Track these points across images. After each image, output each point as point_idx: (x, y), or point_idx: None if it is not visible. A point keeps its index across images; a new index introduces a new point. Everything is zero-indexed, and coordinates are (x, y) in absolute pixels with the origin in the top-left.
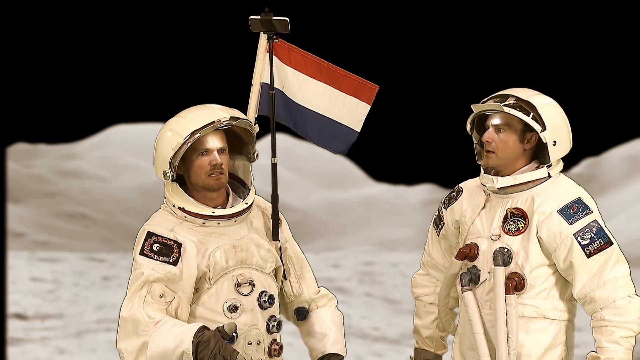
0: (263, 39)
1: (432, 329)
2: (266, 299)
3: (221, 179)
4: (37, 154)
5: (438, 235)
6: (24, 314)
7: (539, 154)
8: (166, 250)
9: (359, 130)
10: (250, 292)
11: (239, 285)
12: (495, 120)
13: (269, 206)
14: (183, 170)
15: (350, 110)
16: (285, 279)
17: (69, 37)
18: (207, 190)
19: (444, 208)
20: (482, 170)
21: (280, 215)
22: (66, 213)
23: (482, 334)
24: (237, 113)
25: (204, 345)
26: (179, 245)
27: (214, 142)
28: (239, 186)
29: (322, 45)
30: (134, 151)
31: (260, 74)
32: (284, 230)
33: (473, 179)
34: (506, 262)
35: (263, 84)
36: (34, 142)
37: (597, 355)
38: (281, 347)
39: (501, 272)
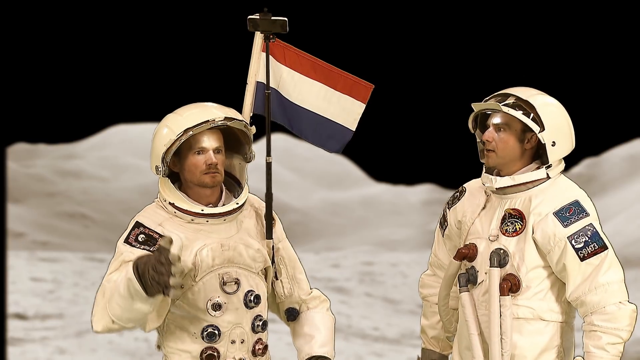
0: (258, 38)
1: (437, 329)
2: (251, 299)
3: (217, 177)
4: (37, 154)
5: (443, 236)
6: (24, 314)
7: (541, 154)
8: (150, 242)
9: (354, 130)
10: (236, 290)
11: (224, 283)
12: (496, 120)
13: (263, 206)
14: (179, 168)
15: (345, 109)
16: (277, 279)
17: (69, 37)
18: (202, 187)
19: (448, 208)
20: (484, 170)
21: (274, 215)
22: (66, 213)
23: (477, 335)
24: (232, 113)
25: (141, 262)
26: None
27: (211, 142)
28: (234, 185)
29: (318, 45)
30: (134, 151)
31: (255, 73)
32: (278, 231)
33: (477, 179)
34: (502, 264)
35: (258, 83)
36: (34, 142)
37: None
38: (265, 347)
39: (496, 274)
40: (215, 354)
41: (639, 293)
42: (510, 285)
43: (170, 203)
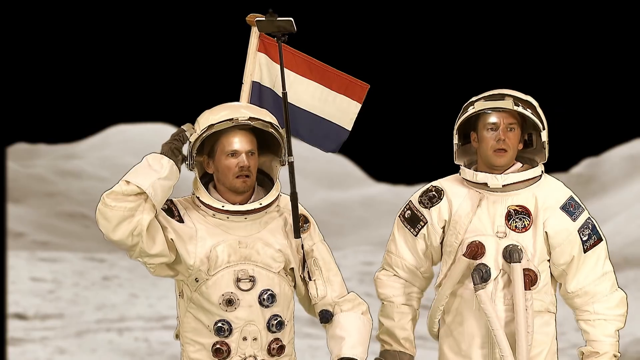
0: (254, 38)
1: (408, 329)
2: (266, 297)
3: (247, 181)
4: (37, 154)
5: (416, 235)
6: (24, 314)
7: (518, 155)
8: (169, 212)
9: (350, 129)
10: (251, 288)
11: (238, 280)
12: (493, 119)
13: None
14: (213, 170)
15: (341, 109)
16: (310, 280)
17: (69, 37)
18: (234, 191)
19: (425, 208)
20: (465, 169)
21: (309, 217)
22: (66, 213)
23: (502, 330)
24: (261, 114)
25: (163, 145)
26: (181, 222)
27: (243, 145)
28: (270, 185)
29: (314, 45)
30: (134, 151)
31: (251, 73)
32: (312, 233)
33: (445, 178)
34: (520, 258)
35: (254, 83)
36: (34, 142)
37: (595, 350)
38: (281, 347)
39: (520, 269)
40: (224, 348)
41: (638, 293)
42: (531, 279)
43: (196, 196)
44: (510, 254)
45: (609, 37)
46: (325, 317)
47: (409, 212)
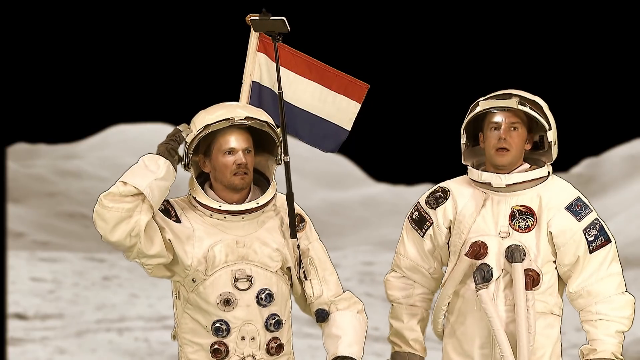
0: (253, 38)
1: (417, 331)
2: (264, 297)
3: (245, 178)
4: (37, 154)
5: (422, 236)
6: (24, 314)
7: (526, 157)
8: (166, 212)
9: (349, 129)
10: (248, 288)
11: (236, 280)
12: (498, 118)
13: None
14: (209, 169)
15: (340, 109)
16: (306, 279)
17: (69, 37)
18: (232, 189)
19: (430, 208)
20: (472, 169)
21: (305, 216)
22: (66, 213)
23: (503, 331)
24: (257, 113)
25: (159, 145)
26: (178, 222)
27: (240, 142)
28: (266, 185)
29: (314, 44)
30: (134, 151)
31: (250, 73)
32: (308, 232)
33: (453, 179)
34: (522, 258)
35: (254, 83)
36: (34, 142)
37: (593, 348)
38: (279, 346)
39: (521, 268)
40: (222, 348)
41: (639, 293)
42: (533, 280)
43: (193, 197)
44: (512, 254)
45: (609, 37)
46: (321, 316)
47: (416, 213)
